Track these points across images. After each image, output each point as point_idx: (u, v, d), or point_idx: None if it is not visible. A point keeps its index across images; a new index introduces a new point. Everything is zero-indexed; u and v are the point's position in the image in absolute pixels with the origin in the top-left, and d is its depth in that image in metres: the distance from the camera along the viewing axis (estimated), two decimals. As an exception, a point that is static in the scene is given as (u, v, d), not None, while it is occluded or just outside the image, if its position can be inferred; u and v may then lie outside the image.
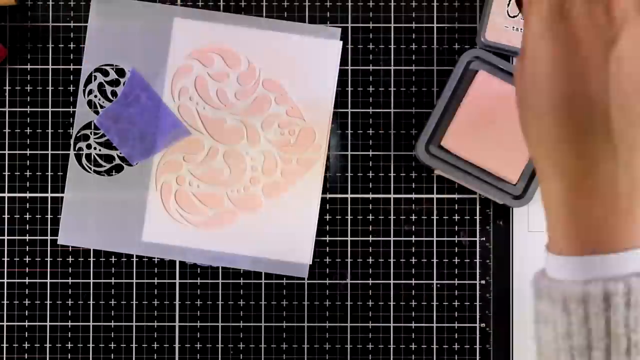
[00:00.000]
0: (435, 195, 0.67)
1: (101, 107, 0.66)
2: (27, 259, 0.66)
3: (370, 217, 0.67)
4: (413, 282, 0.67)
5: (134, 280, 0.67)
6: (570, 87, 0.45)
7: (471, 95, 0.64)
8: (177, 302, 0.67)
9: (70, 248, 0.66)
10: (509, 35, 0.66)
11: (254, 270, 0.66)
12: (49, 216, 0.66)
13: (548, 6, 0.46)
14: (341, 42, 0.67)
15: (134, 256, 0.67)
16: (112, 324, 0.67)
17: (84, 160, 0.66)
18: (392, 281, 0.67)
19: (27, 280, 0.66)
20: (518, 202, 0.64)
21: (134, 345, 0.67)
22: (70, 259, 0.66)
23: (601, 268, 0.45)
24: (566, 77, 0.45)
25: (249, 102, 0.66)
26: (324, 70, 0.66)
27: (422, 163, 0.65)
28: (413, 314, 0.67)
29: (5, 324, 0.66)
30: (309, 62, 0.66)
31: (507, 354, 0.66)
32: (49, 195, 0.66)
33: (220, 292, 0.67)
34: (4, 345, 0.66)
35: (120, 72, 0.67)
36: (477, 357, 0.66)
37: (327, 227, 0.66)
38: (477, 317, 0.67)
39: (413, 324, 0.67)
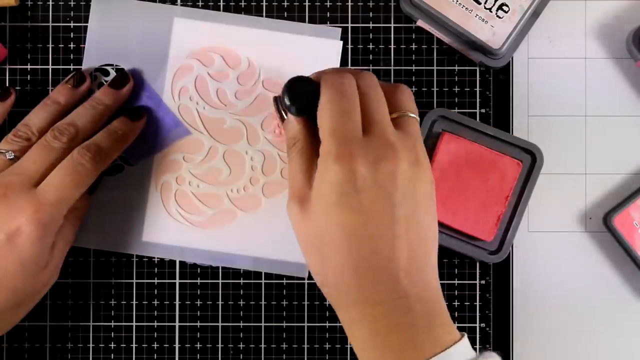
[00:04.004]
0: (435, 195, 0.67)
1: (101, 107, 0.66)
2: (27, 259, 0.66)
3: (370, 217, 0.67)
4: (413, 282, 0.67)
5: (134, 280, 0.67)
6: (364, 248, 0.52)
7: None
8: (177, 302, 0.67)
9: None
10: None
11: (254, 270, 0.66)
12: (49, 216, 0.66)
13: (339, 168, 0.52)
14: (341, 42, 0.67)
15: (134, 256, 0.67)
16: (112, 324, 0.67)
17: (84, 160, 0.66)
18: (392, 281, 0.67)
19: (27, 280, 0.66)
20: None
21: (134, 345, 0.67)
22: (70, 259, 0.66)
23: None
24: (360, 241, 0.52)
25: (249, 102, 0.66)
26: (324, 70, 0.66)
27: None
28: (413, 313, 0.67)
29: (5, 324, 0.66)
30: (309, 61, 0.66)
31: (507, 354, 0.66)
32: (49, 195, 0.66)
33: (220, 292, 0.67)
34: (4, 345, 0.66)
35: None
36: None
37: (327, 227, 0.66)
38: (477, 317, 0.67)
39: (413, 324, 0.67)
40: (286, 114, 0.57)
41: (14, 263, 0.58)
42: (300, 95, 0.55)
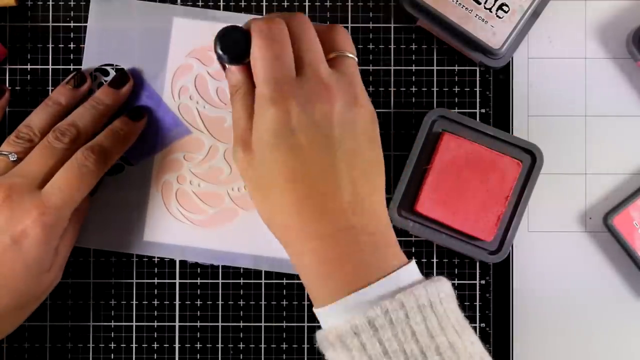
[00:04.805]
0: (435, 195, 0.67)
1: (101, 107, 0.66)
2: (27, 259, 0.66)
3: (370, 217, 0.67)
4: (413, 282, 0.67)
5: (134, 280, 0.67)
6: (305, 186, 0.53)
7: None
8: (177, 302, 0.67)
9: (70, 248, 0.66)
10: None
11: (255, 268, 0.66)
12: (48, 216, 0.66)
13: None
14: (340, 40, 0.67)
15: (134, 256, 0.67)
16: (112, 324, 0.67)
17: (84, 160, 0.66)
18: (392, 281, 0.67)
19: (27, 280, 0.66)
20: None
21: (134, 345, 0.67)
22: (70, 259, 0.66)
23: (361, 302, 0.51)
24: (301, 180, 0.53)
25: (249, 101, 0.66)
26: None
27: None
28: (413, 314, 0.67)
29: (5, 324, 0.66)
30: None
31: (507, 354, 0.66)
32: (49, 195, 0.66)
33: (220, 292, 0.67)
34: (4, 345, 0.66)
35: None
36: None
37: (327, 227, 0.66)
38: (477, 317, 0.67)
39: (413, 324, 0.67)
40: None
41: (20, 265, 0.58)
42: (232, 45, 0.56)
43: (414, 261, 0.54)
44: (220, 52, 0.56)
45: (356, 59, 0.58)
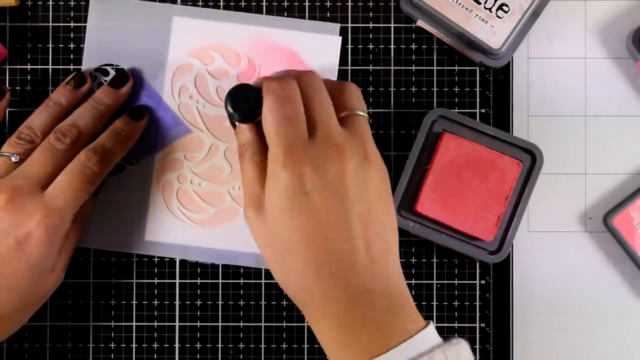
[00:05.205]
0: (435, 195, 0.67)
1: (101, 106, 0.66)
2: (26, 259, 0.66)
3: (370, 217, 0.67)
4: (413, 282, 0.67)
5: (134, 280, 0.67)
6: (321, 250, 0.53)
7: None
8: (177, 302, 0.67)
9: (70, 248, 0.66)
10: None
11: (256, 267, 0.66)
12: (48, 216, 0.66)
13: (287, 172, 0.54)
14: (340, 38, 0.67)
15: (134, 256, 0.67)
16: (112, 324, 0.67)
17: (84, 160, 0.66)
18: (392, 281, 0.67)
19: (26, 280, 0.66)
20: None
21: (134, 345, 0.67)
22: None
23: None
24: (317, 244, 0.53)
25: (249, 100, 0.66)
26: (324, 66, 0.66)
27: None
28: (413, 314, 0.67)
29: (4, 324, 0.66)
30: (309, 58, 0.66)
31: (507, 354, 0.66)
32: (49, 195, 0.66)
33: (220, 292, 0.67)
34: (4, 345, 0.66)
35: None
36: (477, 357, 0.66)
37: (328, 227, 0.66)
38: (477, 317, 0.67)
39: (413, 324, 0.67)
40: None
41: (24, 267, 0.58)
42: (243, 103, 0.56)
43: (432, 324, 0.54)
44: (231, 110, 0.56)
45: (367, 115, 0.58)
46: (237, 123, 0.58)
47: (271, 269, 0.56)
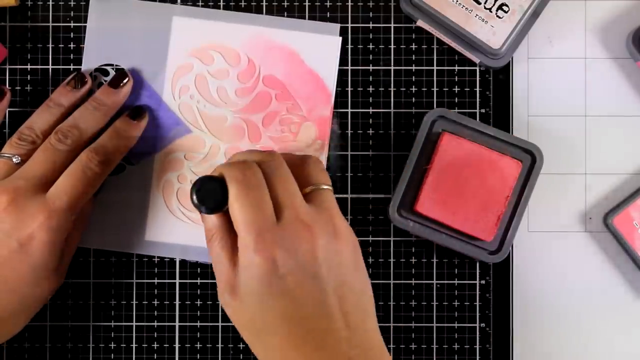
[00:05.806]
0: (435, 195, 0.67)
1: (101, 106, 0.66)
2: (26, 259, 0.66)
3: (370, 217, 0.67)
4: (413, 282, 0.67)
5: (134, 280, 0.67)
6: (301, 329, 0.54)
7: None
8: (177, 302, 0.67)
9: (70, 248, 0.66)
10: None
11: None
12: (48, 216, 0.66)
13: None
14: (340, 38, 0.67)
15: (134, 256, 0.67)
16: (112, 324, 0.67)
17: (84, 160, 0.66)
18: (392, 281, 0.67)
19: (26, 280, 0.66)
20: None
21: (134, 345, 0.67)
22: (70, 259, 0.66)
23: None
24: (296, 324, 0.54)
25: (249, 100, 0.66)
26: (324, 66, 0.66)
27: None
28: (413, 314, 0.67)
29: (4, 324, 0.66)
30: (309, 58, 0.66)
31: (507, 354, 0.66)
32: (49, 195, 0.66)
33: (220, 292, 0.67)
34: (4, 345, 0.66)
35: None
36: (477, 357, 0.66)
37: (328, 227, 0.66)
38: (477, 317, 0.67)
39: (413, 324, 0.67)
40: None
41: (26, 268, 0.58)
42: (209, 196, 0.56)
43: None
44: (197, 203, 0.56)
45: (331, 188, 0.58)
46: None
47: (251, 347, 0.56)
